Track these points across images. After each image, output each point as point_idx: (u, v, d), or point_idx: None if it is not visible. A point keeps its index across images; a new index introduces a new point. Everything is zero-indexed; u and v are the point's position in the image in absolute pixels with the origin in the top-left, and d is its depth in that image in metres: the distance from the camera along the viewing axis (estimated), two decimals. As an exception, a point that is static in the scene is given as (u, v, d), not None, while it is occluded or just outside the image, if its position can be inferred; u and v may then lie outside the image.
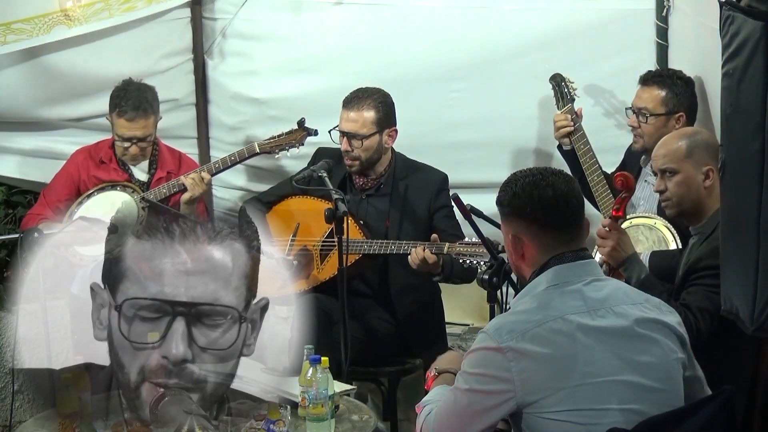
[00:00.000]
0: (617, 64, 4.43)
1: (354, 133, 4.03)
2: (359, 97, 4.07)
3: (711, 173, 3.20)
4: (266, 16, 4.77)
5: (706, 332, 3.03)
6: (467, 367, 2.42)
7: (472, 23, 4.55)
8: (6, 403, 3.39)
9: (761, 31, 2.24)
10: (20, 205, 4.85)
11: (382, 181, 4.17)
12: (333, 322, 3.86)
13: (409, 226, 4.10)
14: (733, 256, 2.46)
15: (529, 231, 2.49)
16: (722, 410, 2.33)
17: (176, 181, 4.24)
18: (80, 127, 4.74)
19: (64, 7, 4.44)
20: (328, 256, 4.07)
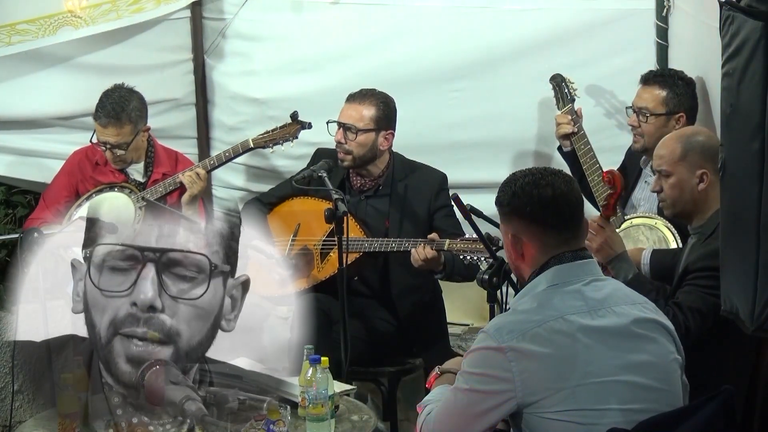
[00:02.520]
0: (617, 64, 4.44)
1: (350, 125, 4.05)
2: (363, 94, 4.10)
3: (705, 177, 3.19)
4: (266, 16, 4.78)
5: (695, 332, 3.03)
6: (467, 366, 2.42)
7: (472, 23, 4.55)
8: (6, 403, 3.40)
9: (761, 31, 2.25)
10: (20, 205, 4.85)
11: (380, 182, 4.18)
12: (333, 322, 3.86)
13: (409, 227, 4.10)
14: (733, 256, 2.46)
15: (529, 231, 2.49)
16: (722, 410, 2.33)
17: (173, 179, 4.25)
18: (70, 126, 4.75)
19: (70, 7, 4.44)
20: (328, 255, 4.07)
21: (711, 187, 3.17)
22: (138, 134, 4.24)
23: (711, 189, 3.17)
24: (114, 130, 4.18)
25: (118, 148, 4.21)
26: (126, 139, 4.20)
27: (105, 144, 4.21)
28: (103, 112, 4.17)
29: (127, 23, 4.62)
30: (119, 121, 4.17)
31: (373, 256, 4.04)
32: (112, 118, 4.16)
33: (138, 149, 4.30)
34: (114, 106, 4.16)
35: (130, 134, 4.21)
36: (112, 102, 4.17)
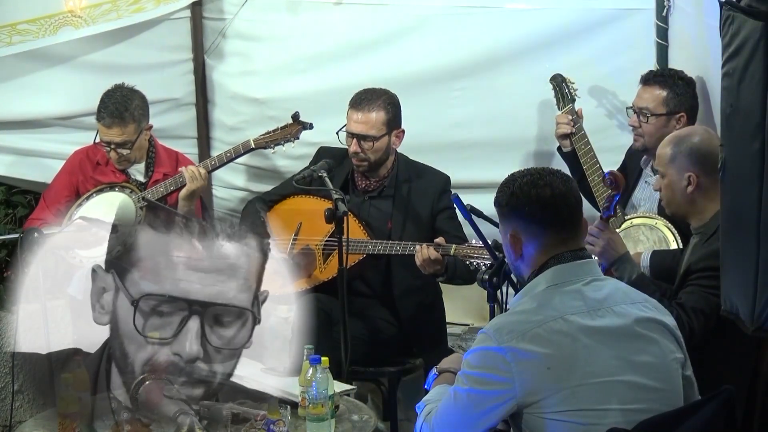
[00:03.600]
0: (617, 64, 4.43)
1: (365, 135, 4.02)
2: (368, 99, 4.04)
3: (692, 179, 3.19)
4: (266, 16, 4.77)
5: (699, 333, 3.03)
6: (467, 367, 2.42)
7: (473, 23, 4.55)
8: (6, 403, 3.40)
9: (761, 31, 2.25)
10: (20, 205, 4.86)
11: (385, 183, 4.17)
12: (333, 322, 3.85)
13: (411, 228, 4.09)
14: (733, 256, 2.46)
15: (528, 231, 2.49)
16: (722, 410, 2.33)
17: (173, 179, 4.25)
18: (70, 126, 4.75)
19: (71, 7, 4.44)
20: (331, 256, 4.06)
21: (701, 190, 3.18)
22: (141, 133, 4.24)
23: (701, 192, 3.18)
24: (118, 129, 4.18)
25: (122, 148, 4.21)
26: (130, 138, 4.21)
27: (109, 144, 4.21)
28: (106, 112, 4.17)
29: (128, 23, 4.62)
30: (123, 120, 4.17)
31: (376, 257, 4.04)
32: (115, 117, 4.16)
33: (141, 148, 4.30)
34: (117, 106, 4.16)
35: (133, 133, 4.21)
36: (114, 102, 4.17)
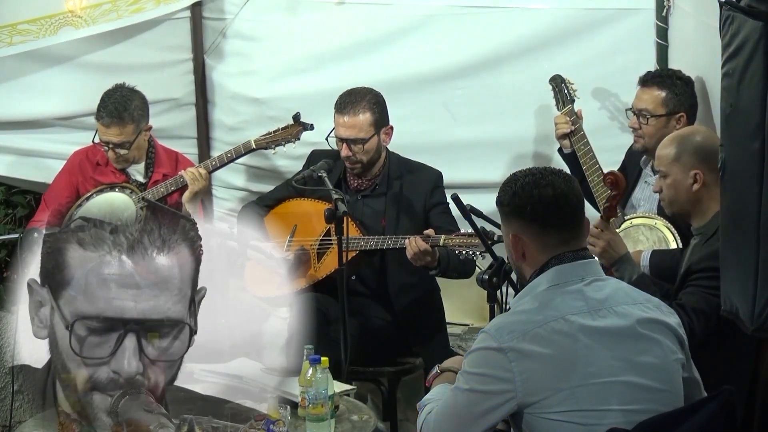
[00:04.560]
0: (617, 64, 4.43)
1: (354, 139, 4.02)
2: (353, 102, 4.02)
3: (699, 177, 3.18)
4: (266, 16, 4.77)
5: (701, 333, 3.03)
6: (468, 366, 2.42)
7: (473, 23, 4.55)
8: (6, 403, 3.39)
9: (761, 31, 2.24)
10: (20, 205, 4.86)
11: (377, 182, 4.17)
12: (330, 321, 3.85)
13: (405, 225, 4.09)
14: (733, 256, 2.46)
15: (530, 230, 2.49)
16: (722, 410, 2.33)
17: (173, 179, 4.25)
18: (70, 126, 4.75)
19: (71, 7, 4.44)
20: (325, 255, 4.07)
21: (707, 188, 3.17)
22: (140, 133, 4.24)
23: (707, 189, 3.17)
24: (117, 129, 4.18)
25: (120, 148, 4.21)
26: (129, 138, 4.20)
27: (108, 144, 4.21)
28: (105, 112, 4.17)
29: (128, 23, 4.62)
30: (122, 120, 4.17)
31: (370, 254, 4.04)
32: (114, 117, 4.16)
33: (140, 148, 4.30)
34: (116, 106, 4.16)
35: (132, 133, 4.21)
36: (114, 101, 4.17)
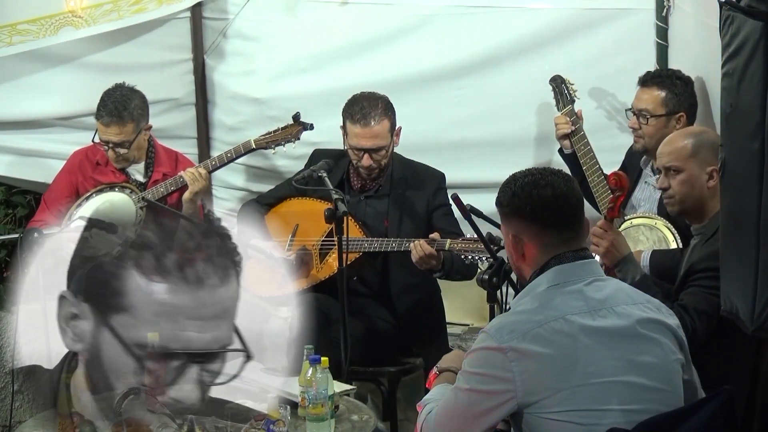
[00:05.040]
0: (617, 64, 4.43)
1: (377, 148, 4.01)
2: (370, 111, 4.00)
3: (715, 174, 3.17)
4: (266, 16, 4.77)
5: (702, 334, 3.03)
6: (468, 366, 2.42)
7: (473, 23, 4.55)
8: (6, 403, 3.39)
9: (761, 31, 2.24)
10: (20, 205, 4.86)
11: (380, 183, 4.17)
12: (331, 322, 3.85)
13: (407, 226, 4.09)
14: (733, 256, 2.46)
15: (529, 231, 2.49)
16: (722, 410, 2.33)
17: (173, 179, 4.25)
18: (70, 126, 4.75)
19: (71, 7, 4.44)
20: (327, 255, 4.07)
21: (718, 186, 3.16)
22: (140, 133, 4.24)
23: (718, 187, 3.17)
24: (116, 128, 4.18)
25: (120, 147, 4.21)
26: (128, 138, 4.20)
27: (107, 143, 4.22)
28: (105, 111, 4.17)
29: (129, 23, 4.62)
30: (122, 119, 4.17)
31: (373, 255, 4.04)
32: (114, 116, 4.16)
33: (140, 148, 4.30)
34: (116, 105, 4.16)
35: (132, 133, 4.21)
36: (114, 101, 4.17)
